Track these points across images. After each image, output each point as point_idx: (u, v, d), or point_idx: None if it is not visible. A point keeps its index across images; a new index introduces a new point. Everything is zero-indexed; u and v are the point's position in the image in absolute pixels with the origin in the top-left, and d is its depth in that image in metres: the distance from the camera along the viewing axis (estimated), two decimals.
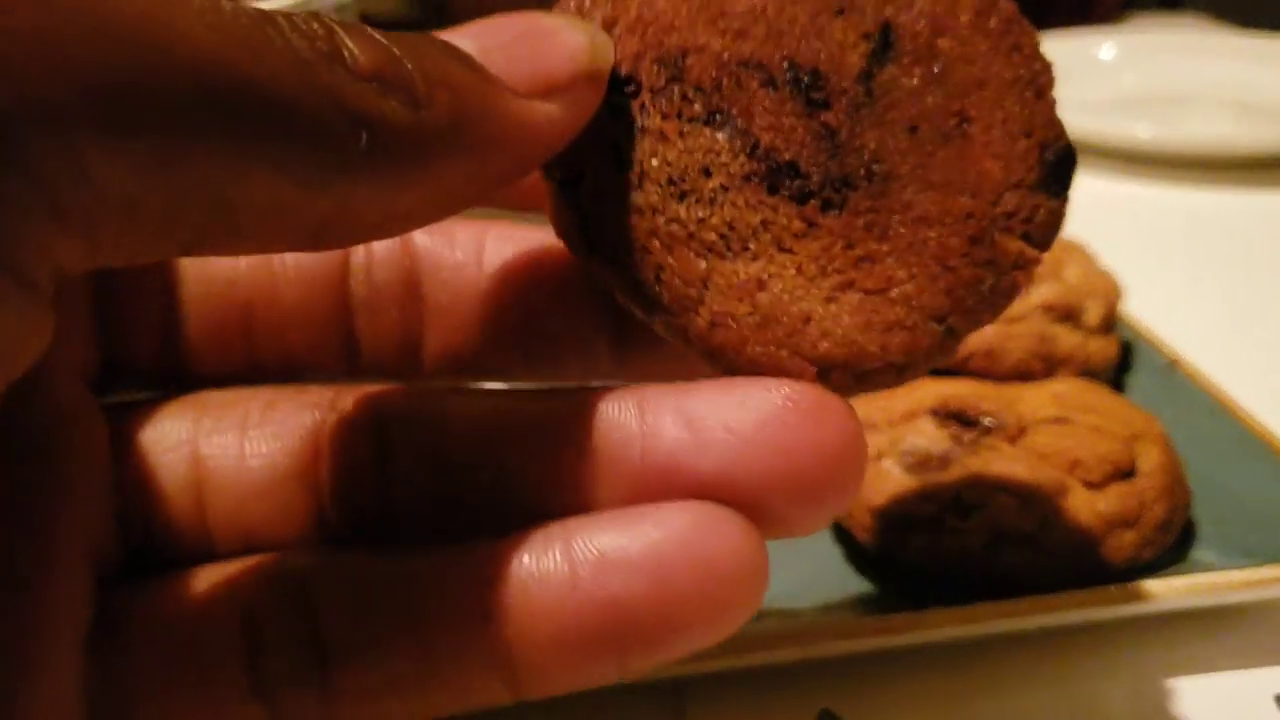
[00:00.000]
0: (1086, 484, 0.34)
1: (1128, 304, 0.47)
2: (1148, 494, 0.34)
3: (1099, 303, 0.44)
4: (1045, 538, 0.33)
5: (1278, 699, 0.31)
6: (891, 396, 0.38)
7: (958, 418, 0.36)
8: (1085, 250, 0.48)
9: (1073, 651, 0.33)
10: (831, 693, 0.32)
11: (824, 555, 0.36)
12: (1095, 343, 0.43)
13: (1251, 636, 0.34)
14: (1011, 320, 0.42)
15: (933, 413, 0.37)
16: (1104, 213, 0.49)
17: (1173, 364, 0.43)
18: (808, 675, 0.32)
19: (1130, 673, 0.33)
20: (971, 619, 0.31)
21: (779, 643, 0.30)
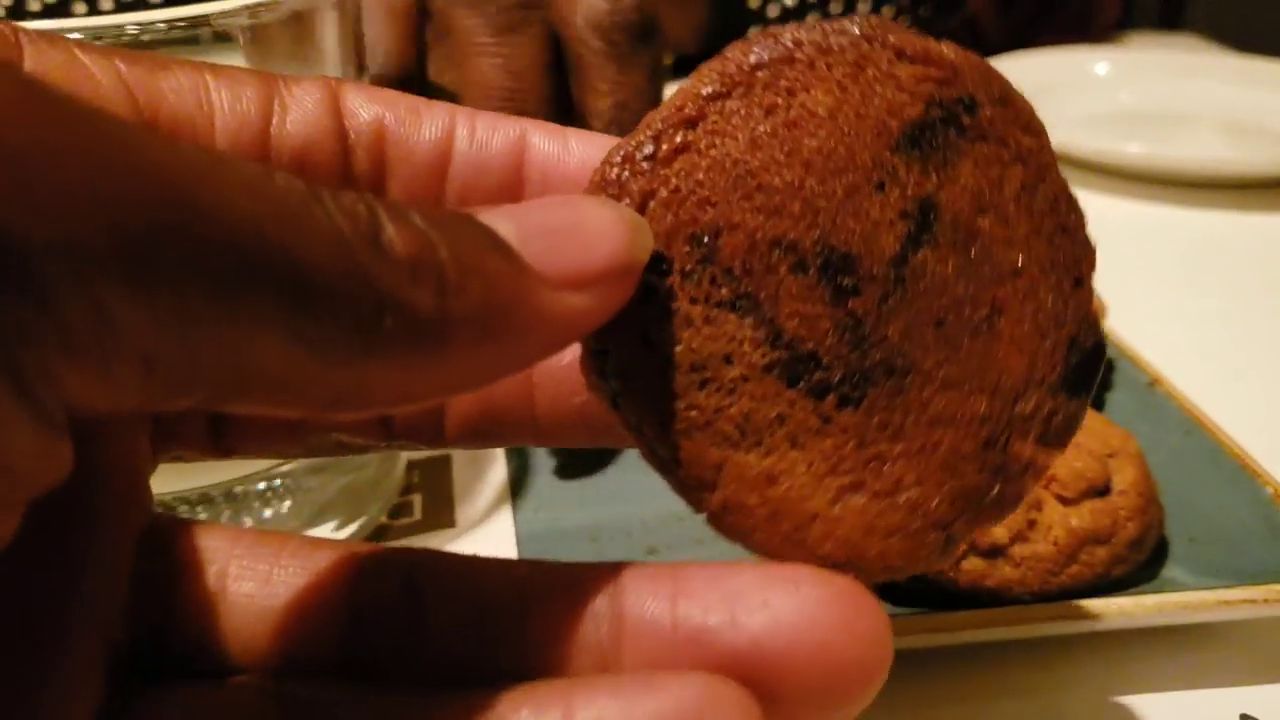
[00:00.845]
0: (1061, 499, 0.34)
1: (1111, 321, 0.48)
2: (1121, 511, 0.34)
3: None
4: (1016, 550, 0.33)
5: (1243, 718, 0.32)
6: None
7: None
8: None
9: (1042, 663, 0.34)
10: None
11: None
12: None
13: (1219, 655, 0.34)
14: None
15: None
16: (1090, 228, 0.49)
17: (1154, 382, 0.44)
18: None
19: (1098, 687, 0.33)
20: (942, 628, 0.31)
21: None
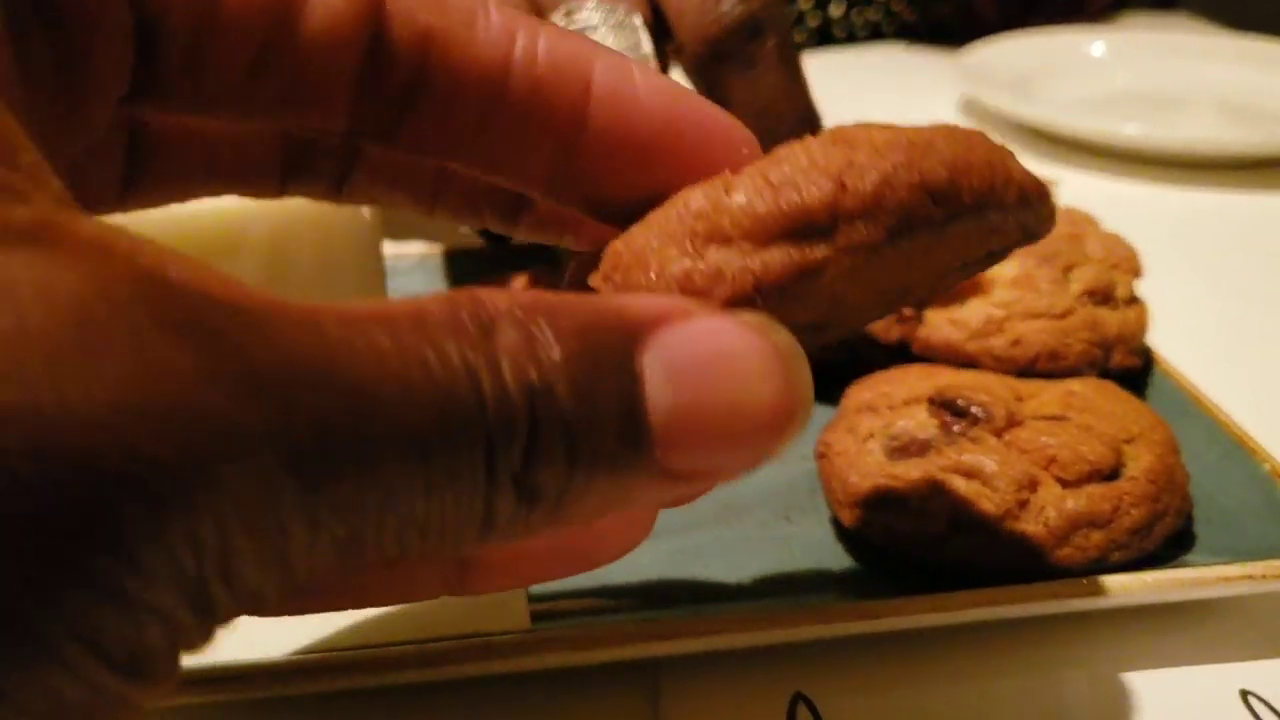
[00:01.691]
0: (1060, 481, 0.34)
1: None
2: (1126, 497, 0.34)
3: (1126, 275, 0.45)
4: (1004, 529, 0.33)
5: (1243, 693, 0.32)
6: (898, 383, 0.39)
7: (949, 406, 0.36)
8: (1092, 218, 0.48)
9: (1042, 641, 0.34)
10: (806, 676, 0.32)
11: (819, 532, 0.37)
12: (1132, 314, 0.44)
13: (1220, 631, 0.34)
14: (1061, 316, 0.42)
15: (929, 400, 0.37)
16: (1089, 209, 0.50)
17: (1151, 362, 0.44)
18: (782, 658, 0.32)
19: (1099, 664, 0.33)
20: (945, 607, 0.31)
21: (753, 625, 0.31)
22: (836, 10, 1.15)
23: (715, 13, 0.43)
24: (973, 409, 0.36)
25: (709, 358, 0.17)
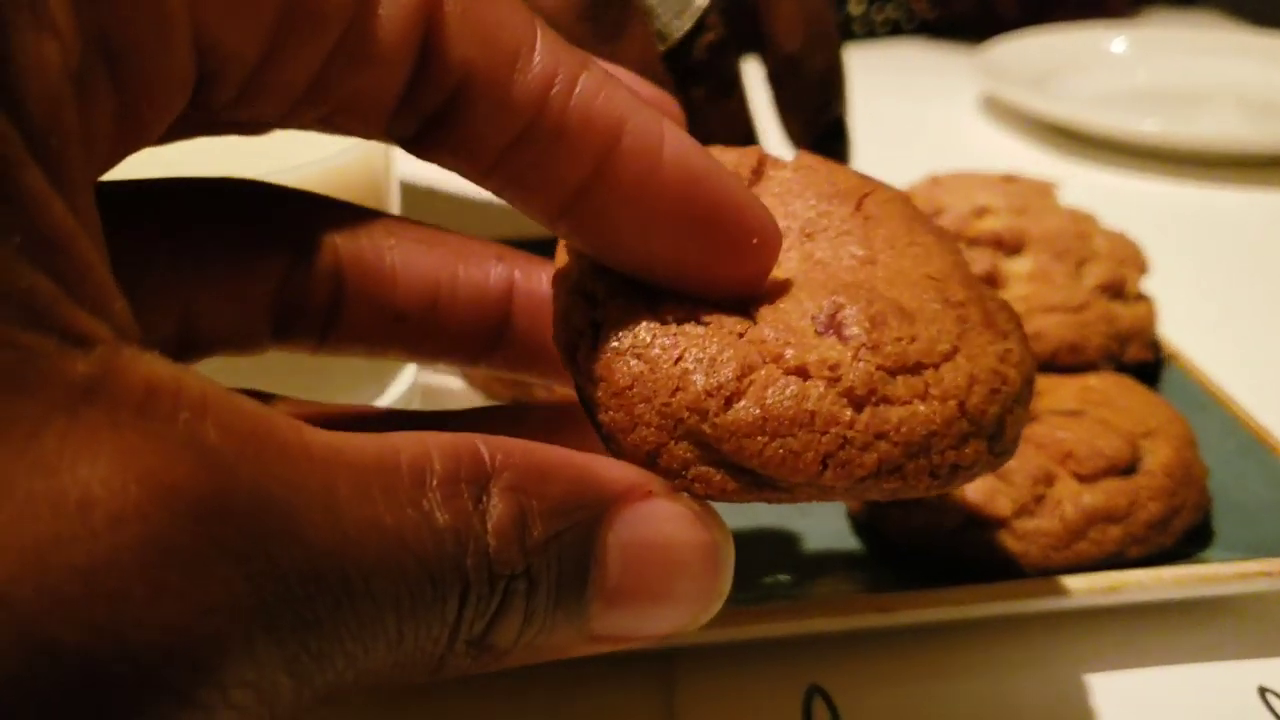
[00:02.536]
0: (1077, 476, 0.34)
1: None
2: (1143, 492, 0.34)
3: (1134, 270, 0.45)
4: (1019, 524, 0.33)
5: (1261, 690, 0.32)
6: None
7: None
8: (1094, 216, 0.48)
9: (1058, 635, 0.34)
10: (821, 669, 0.32)
11: (835, 525, 0.37)
12: (1142, 309, 0.44)
13: (1237, 628, 0.34)
14: (1078, 309, 0.42)
15: None
16: (1107, 206, 0.49)
17: (1169, 358, 0.44)
18: (798, 650, 0.33)
19: (1119, 659, 0.33)
20: (960, 601, 0.31)
21: (769, 617, 0.31)
22: (856, 8, 1.15)
23: None
24: None
25: (658, 543, 0.20)
